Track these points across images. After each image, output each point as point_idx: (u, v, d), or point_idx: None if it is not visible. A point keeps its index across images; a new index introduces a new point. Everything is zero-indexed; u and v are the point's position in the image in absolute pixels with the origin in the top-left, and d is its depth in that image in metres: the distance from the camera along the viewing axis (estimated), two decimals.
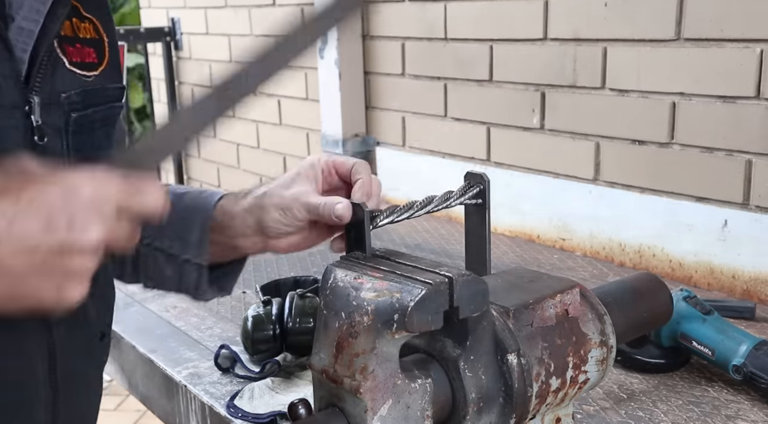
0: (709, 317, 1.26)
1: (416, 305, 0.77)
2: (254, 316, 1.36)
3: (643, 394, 1.23)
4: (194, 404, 1.30)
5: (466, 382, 0.85)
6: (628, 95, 1.76)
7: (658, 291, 1.15)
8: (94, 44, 0.97)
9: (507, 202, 2.03)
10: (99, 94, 0.97)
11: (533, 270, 1.03)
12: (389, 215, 0.95)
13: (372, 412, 0.79)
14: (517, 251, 1.94)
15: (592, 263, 1.85)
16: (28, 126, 0.86)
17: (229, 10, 3.07)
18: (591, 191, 1.87)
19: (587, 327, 0.96)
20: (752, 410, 1.17)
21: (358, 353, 0.80)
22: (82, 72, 0.94)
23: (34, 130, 0.86)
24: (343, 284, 0.83)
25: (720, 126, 1.61)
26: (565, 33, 1.86)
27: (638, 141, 1.77)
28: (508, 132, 2.06)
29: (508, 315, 0.89)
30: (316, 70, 2.60)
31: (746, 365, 1.18)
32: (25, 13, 0.86)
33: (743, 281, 1.60)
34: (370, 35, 2.45)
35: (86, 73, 0.95)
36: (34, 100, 0.86)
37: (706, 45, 1.60)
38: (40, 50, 0.87)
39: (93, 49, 0.97)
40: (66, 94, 0.91)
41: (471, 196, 1.00)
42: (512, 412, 0.87)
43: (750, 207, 1.59)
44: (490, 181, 1.00)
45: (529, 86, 1.98)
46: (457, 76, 2.16)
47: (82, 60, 0.95)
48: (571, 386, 0.93)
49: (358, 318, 0.80)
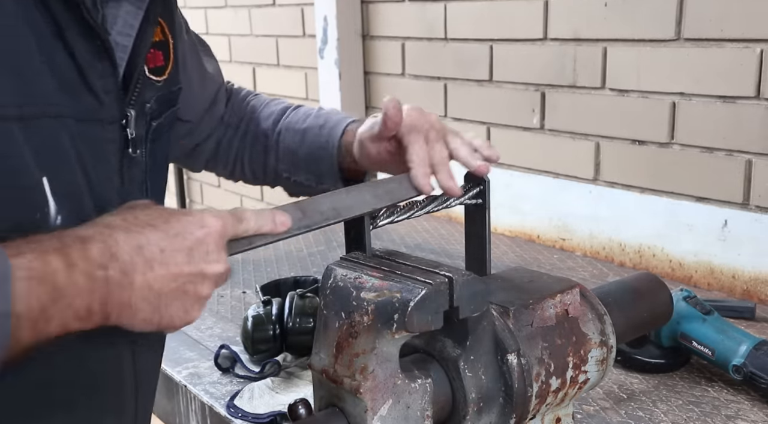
0: (709, 317, 1.26)
1: (416, 305, 0.77)
2: (254, 316, 1.36)
3: (643, 394, 1.23)
4: (194, 404, 1.30)
5: (466, 382, 0.85)
6: (628, 95, 1.76)
7: (658, 291, 1.15)
8: (161, 47, 0.97)
9: (507, 202, 2.03)
10: (167, 98, 0.98)
11: (533, 270, 1.03)
12: (389, 215, 0.95)
13: (372, 412, 0.79)
14: (517, 251, 1.94)
15: (592, 263, 1.84)
16: (123, 138, 0.88)
17: (229, 10, 3.07)
18: (591, 191, 1.87)
19: (587, 327, 0.96)
20: (752, 410, 1.17)
21: (358, 353, 0.80)
22: (156, 78, 0.95)
23: (128, 142, 0.88)
24: (343, 283, 0.83)
25: (720, 126, 1.61)
26: (565, 33, 1.86)
27: (638, 141, 1.77)
28: (508, 132, 2.06)
29: (508, 315, 0.89)
30: (316, 70, 2.60)
31: (746, 365, 1.18)
32: (120, 27, 0.86)
33: (743, 281, 1.60)
34: (370, 35, 2.45)
35: (158, 78, 0.95)
36: (131, 114, 0.88)
37: (706, 45, 1.60)
38: (136, 64, 0.88)
39: (161, 53, 0.97)
40: (149, 104, 0.92)
41: (471, 197, 1.00)
42: (512, 412, 0.87)
43: (750, 207, 1.59)
44: (490, 181, 1.00)
45: (529, 86, 1.98)
46: (457, 76, 2.16)
47: (155, 65, 0.95)
48: (571, 386, 0.93)
49: (358, 318, 0.80)
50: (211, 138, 1.23)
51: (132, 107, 0.88)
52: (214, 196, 3.49)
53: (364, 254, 0.91)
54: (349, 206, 0.92)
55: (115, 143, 0.87)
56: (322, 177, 1.16)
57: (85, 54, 0.81)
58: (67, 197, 0.79)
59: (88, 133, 0.82)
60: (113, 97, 0.85)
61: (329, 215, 0.89)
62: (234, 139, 1.24)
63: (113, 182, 0.87)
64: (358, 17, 2.44)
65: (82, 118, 0.81)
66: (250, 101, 1.27)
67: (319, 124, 1.16)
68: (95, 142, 0.84)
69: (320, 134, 1.14)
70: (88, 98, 0.82)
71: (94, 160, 0.83)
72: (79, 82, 0.81)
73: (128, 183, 0.90)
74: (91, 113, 0.83)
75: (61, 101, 0.79)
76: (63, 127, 0.79)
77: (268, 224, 0.80)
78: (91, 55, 0.81)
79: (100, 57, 0.82)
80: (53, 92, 0.78)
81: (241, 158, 1.24)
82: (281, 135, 1.19)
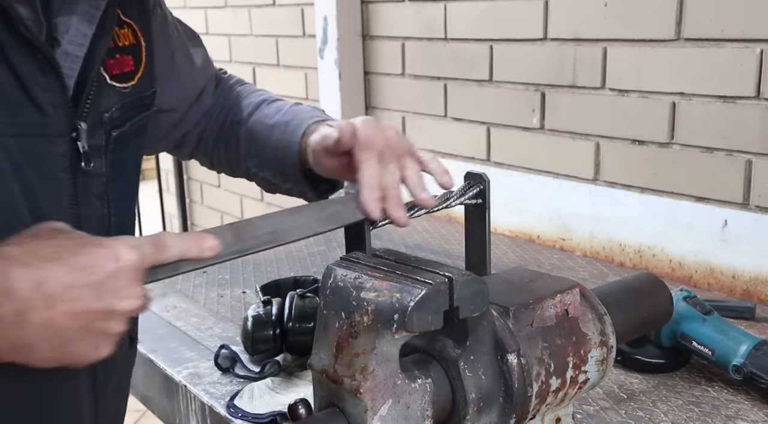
0: (709, 317, 1.26)
1: (416, 305, 0.77)
2: (254, 316, 1.36)
3: (643, 394, 1.23)
4: (194, 404, 1.30)
5: (466, 382, 0.85)
6: (628, 95, 1.76)
7: (658, 291, 1.15)
8: (131, 50, 0.94)
9: (507, 202, 2.03)
10: (134, 105, 0.95)
11: (533, 270, 1.03)
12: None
13: (372, 412, 0.79)
14: (517, 251, 1.94)
15: (592, 263, 1.84)
16: (74, 151, 0.84)
17: (229, 10, 3.07)
18: (591, 191, 1.87)
19: (587, 327, 0.96)
20: (752, 410, 1.17)
21: (358, 353, 0.80)
22: (121, 84, 0.91)
23: (81, 155, 0.85)
24: (343, 284, 0.83)
25: (720, 126, 1.61)
26: (565, 33, 1.86)
27: (638, 141, 1.77)
28: (508, 132, 2.06)
29: (508, 315, 0.89)
30: (316, 70, 2.60)
31: (746, 365, 1.17)
32: (71, 36, 0.84)
33: (743, 281, 1.60)
34: (370, 35, 2.45)
35: (124, 84, 0.92)
36: (81, 127, 0.85)
37: (706, 45, 1.60)
38: (88, 75, 0.85)
39: (131, 56, 0.93)
40: (108, 113, 0.89)
41: (471, 197, 1.00)
42: (512, 412, 0.87)
43: (750, 207, 1.59)
44: (490, 181, 1.00)
45: (529, 86, 1.98)
46: (457, 76, 2.16)
47: (121, 71, 0.92)
48: (571, 386, 0.93)
49: (358, 318, 0.80)
50: (197, 126, 1.21)
51: (83, 119, 0.85)
52: (214, 196, 3.50)
53: (364, 254, 0.91)
54: (289, 229, 0.87)
55: (64, 157, 0.83)
56: (286, 176, 1.12)
57: (27, 69, 0.78)
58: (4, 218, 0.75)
59: (32, 149, 0.79)
60: (61, 111, 0.82)
61: (266, 240, 0.85)
62: (214, 127, 1.21)
63: (62, 199, 0.84)
64: (358, 17, 2.44)
65: (25, 134, 0.78)
66: (236, 89, 1.24)
67: (285, 121, 1.12)
68: (40, 157, 0.80)
69: (285, 131, 1.10)
70: (31, 113, 0.79)
71: (39, 177, 0.80)
72: (21, 97, 0.78)
73: (83, 198, 0.86)
74: (36, 128, 0.80)
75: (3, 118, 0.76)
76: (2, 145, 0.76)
77: (193, 249, 0.75)
78: (33, 69, 0.78)
79: (43, 71, 0.79)
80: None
81: (218, 149, 1.22)
82: (252, 128, 1.16)
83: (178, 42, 1.13)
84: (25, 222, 0.77)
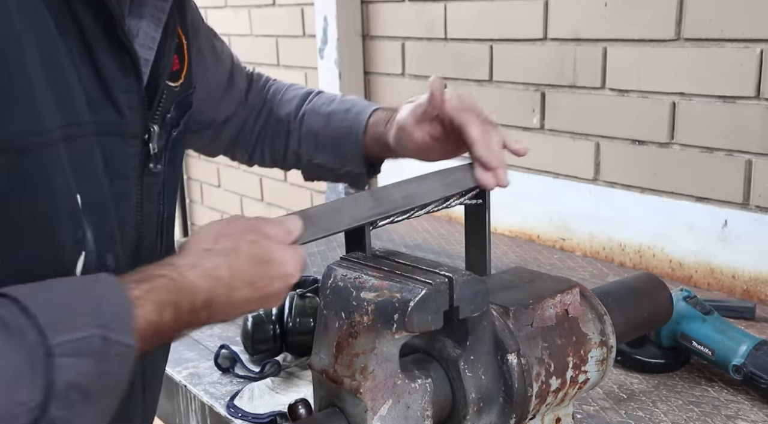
0: (709, 317, 1.26)
1: (416, 305, 0.77)
2: (254, 316, 1.36)
3: (643, 394, 1.23)
4: (194, 404, 1.30)
5: (466, 382, 0.85)
6: (628, 95, 1.76)
7: (658, 291, 1.15)
8: (177, 50, 0.95)
9: (507, 202, 2.03)
10: (183, 103, 0.95)
11: (533, 270, 1.03)
12: (389, 215, 0.95)
13: (372, 412, 0.79)
14: (517, 251, 1.94)
15: (592, 263, 1.84)
16: (144, 153, 0.86)
17: (229, 10, 3.07)
18: (591, 191, 1.87)
19: (587, 327, 0.96)
20: (752, 410, 1.17)
21: (358, 353, 0.80)
22: (174, 84, 0.92)
23: (150, 157, 0.87)
24: (343, 283, 0.83)
25: (720, 126, 1.61)
26: (565, 33, 1.86)
27: (638, 141, 1.77)
28: (508, 132, 2.04)
29: (508, 315, 0.89)
30: (316, 70, 2.60)
31: (746, 365, 1.17)
32: (141, 40, 0.84)
33: (743, 281, 1.60)
34: (370, 35, 2.45)
35: (175, 83, 0.93)
36: (154, 129, 0.86)
37: (706, 45, 1.60)
38: (159, 77, 0.86)
39: (176, 55, 0.94)
40: (169, 114, 0.90)
41: (471, 197, 1.00)
42: (512, 412, 0.87)
43: (750, 207, 1.59)
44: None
45: (529, 86, 1.98)
46: (457, 76, 2.16)
47: (172, 70, 0.92)
48: (571, 386, 0.93)
49: (358, 318, 0.80)
50: (231, 121, 1.23)
51: (155, 122, 0.87)
52: (214, 196, 3.49)
53: (364, 254, 0.91)
54: (419, 194, 0.96)
55: (135, 158, 0.85)
56: (345, 160, 1.18)
57: (113, 69, 0.79)
58: (96, 216, 0.78)
59: (110, 149, 0.81)
60: (137, 112, 0.83)
61: (401, 203, 0.94)
62: (257, 122, 1.25)
63: (131, 198, 0.85)
64: (358, 17, 2.44)
65: (105, 133, 0.80)
66: (271, 86, 1.29)
67: (344, 109, 1.18)
68: (116, 157, 0.82)
69: (345, 118, 1.16)
70: (110, 113, 0.80)
71: (114, 176, 0.82)
72: (103, 97, 0.79)
73: (147, 197, 0.88)
74: (113, 128, 0.81)
75: (89, 118, 0.77)
76: (96, 144, 0.78)
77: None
78: (118, 69, 0.80)
79: (125, 72, 0.81)
80: (83, 109, 0.76)
81: (262, 141, 1.26)
82: (305, 117, 1.21)
83: (204, 33, 1.15)
84: (111, 221, 0.81)
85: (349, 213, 0.90)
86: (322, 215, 0.88)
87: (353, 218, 0.90)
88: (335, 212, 0.90)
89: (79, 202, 0.75)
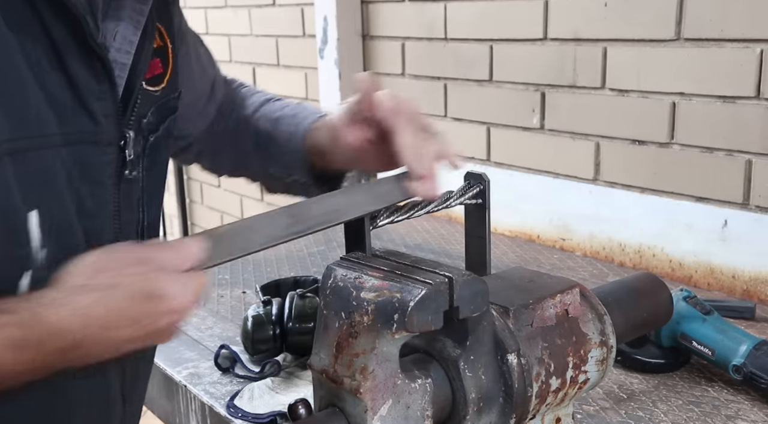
0: (709, 317, 1.26)
1: (416, 305, 0.77)
2: (254, 316, 1.36)
3: (643, 394, 1.23)
4: (194, 404, 1.30)
5: (466, 382, 0.85)
6: (628, 95, 1.76)
7: (658, 291, 1.15)
8: (160, 53, 0.93)
9: (507, 202, 2.03)
10: (165, 107, 0.94)
11: (533, 270, 1.03)
12: (389, 215, 0.95)
13: (372, 412, 0.79)
14: (517, 251, 1.94)
15: (592, 263, 1.84)
16: (121, 160, 0.85)
17: (229, 10, 3.07)
18: (591, 191, 1.87)
19: (587, 327, 0.96)
20: (752, 410, 1.17)
21: (358, 353, 0.80)
22: (153, 88, 0.91)
23: (126, 163, 0.85)
24: (343, 284, 0.83)
25: (720, 126, 1.61)
26: (565, 33, 1.86)
27: (638, 141, 1.77)
28: (508, 132, 2.06)
29: (508, 315, 0.89)
30: (316, 70, 2.60)
31: (746, 365, 1.17)
32: (119, 44, 0.83)
33: (743, 281, 1.60)
34: (370, 35, 2.45)
35: (156, 88, 0.91)
36: (129, 135, 0.85)
37: (706, 45, 1.60)
38: (135, 83, 0.85)
39: (159, 59, 0.92)
40: (145, 119, 0.89)
41: (471, 196, 1.00)
42: (512, 412, 0.87)
43: (750, 207, 1.59)
44: (490, 181, 1.00)
45: (529, 86, 1.98)
46: (457, 76, 2.16)
47: (152, 74, 0.91)
48: (571, 386, 0.93)
49: (358, 318, 0.80)
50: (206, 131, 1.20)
51: (130, 127, 0.85)
52: (214, 196, 3.50)
53: (364, 254, 0.91)
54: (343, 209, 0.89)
55: (111, 165, 0.84)
56: (291, 169, 1.10)
57: (84, 76, 0.78)
58: (56, 230, 0.76)
59: (84, 158, 0.80)
60: (111, 120, 0.82)
61: (323, 220, 0.87)
62: (225, 128, 1.21)
63: (107, 207, 0.84)
64: (358, 17, 2.44)
65: (78, 142, 0.79)
66: (240, 90, 1.24)
67: (292, 114, 1.11)
68: (91, 166, 0.81)
69: (291, 123, 1.10)
70: (84, 121, 0.79)
71: (89, 185, 0.81)
72: (76, 106, 0.78)
73: (125, 204, 0.87)
74: (88, 136, 0.80)
75: (56, 129, 0.76)
76: (56, 156, 0.76)
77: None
78: (90, 77, 0.78)
79: (99, 79, 0.79)
80: (47, 121, 0.75)
81: (225, 148, 1.21)
82: (258, 123, 1.15)
83: (191, 40, 1.13)
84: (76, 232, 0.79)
85: (263, 232, 0.83)
86: (232, 235, 0.82)
87: (268, 238, 0.83)
88: (247, 230, 0.83)
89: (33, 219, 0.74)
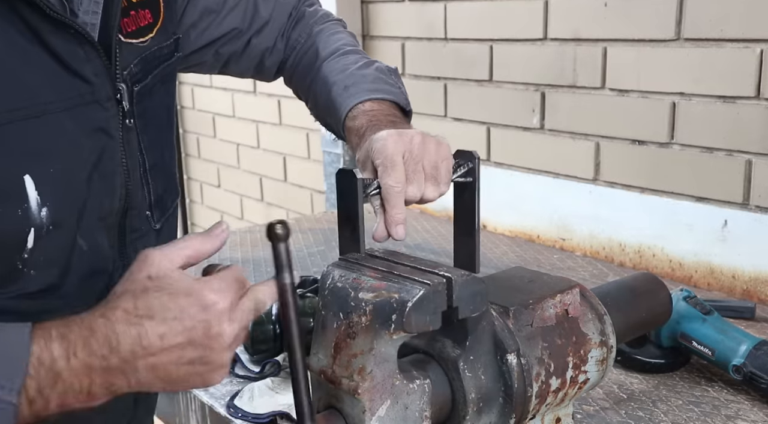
0: (709, 317, 1.26)
1: (414, 306, 0.77)
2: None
3: (643, 394, 1.23)
4: (194, 404, 1.30)
5: (466, 382, 0.85)
6: (628, 95, 1.76)
7: (658, 291, 1.15)
8: (149, 4, 0.98)
9: (507, 202, 2.03)
10: (154, 56, 0.99)
11: (533, 270, 1.03)
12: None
13: (370, 412, 0.79)
14: (517, 251, 1.94)
15: (592, 263, 1.84)
16: (121, 111, 0.90)
17: None
18: (591, 191, 1.87)
19: (587, 327, 0.96)
20: (752, 410, 1.17)
21: (356, 353, 0.79)
22: (138, 40, 0.95)
23: (125, 113, 0.91)
24: (341, 284, 0.83)
25: (720, 126, 1.61)
26: (565, 33, 1.86)
27: (638, 141, 1.77)
28: (508, 132, 2.05)
29: (508, 315, 0.89)
30: None
31: (746, 365, 1.17)
32: (86, 6, 0.87)
33: (743, 281, 1.60)
34: (370, 35, 2.45)
35: (142, 39, 0.96)
36: (123, 88, 0.90)
37: (706, 45, 1.60)
38: (111, 41, 0.89)
39: (148, 10, 0.97)
40: (126, 70, 0.93)
41: (461, 175, 0.99)
42: (512, 412, 0.87)
43: (750, 207, 1.59)
44: (480, 159, 0.99)
45: (529, 86, 1.98)
46: (457, 76, 2.16)
47: (138, 26, 0.96)
48: (571, 386, 0.93)
49: (356, 318, 0.80)
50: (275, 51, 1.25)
51: (119, 80, 0.90)
52: (214, 196, 3.50)
53: (362, 255, 0.91)
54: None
55: (116, 118, 0.89)
56: (330, 126, 1.20)
57: (63, 45, 0.82)
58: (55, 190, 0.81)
59: (91, 116, 0.85)
60: (104, 77, 0.87)
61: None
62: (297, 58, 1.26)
63: (117, 155, 0.89)
64: (358, 17, 2.44)
65: (78, 104, 0.83)
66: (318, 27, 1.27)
67: (345, 85, 1.16)
68: (99, 122, 0.86)
69: (341, 94, 1.15)
70: (78, 84, 0.84)
71: (102, 140, 0.86)
72: (65, 74, 0.82)
73: (128, 151, 0.92)
74: (87, 97, 0.85)
75: (52, 96, 0.81)
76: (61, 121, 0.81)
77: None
78: (69, 44, 0.82)
79: (80, 43, 0.83)
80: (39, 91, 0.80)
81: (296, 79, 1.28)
82: (318, 77, 1.21)
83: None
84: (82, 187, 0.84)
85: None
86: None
87: None
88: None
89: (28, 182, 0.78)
